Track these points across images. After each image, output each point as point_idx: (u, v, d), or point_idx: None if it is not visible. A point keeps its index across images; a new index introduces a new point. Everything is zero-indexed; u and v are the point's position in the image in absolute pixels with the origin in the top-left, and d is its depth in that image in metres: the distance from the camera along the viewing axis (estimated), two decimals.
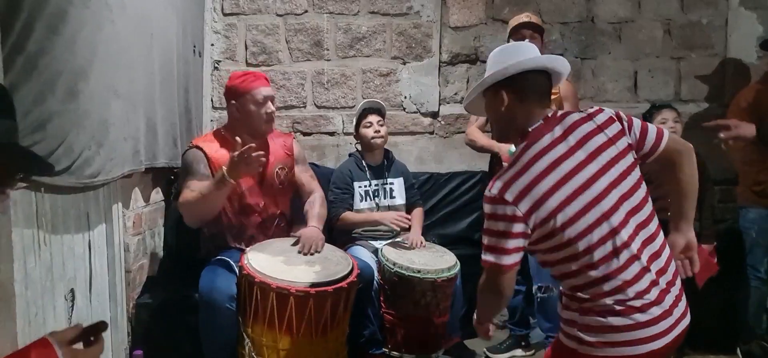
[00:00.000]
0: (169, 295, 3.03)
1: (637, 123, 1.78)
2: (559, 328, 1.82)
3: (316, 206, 3.08)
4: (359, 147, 3.61)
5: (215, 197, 2.73)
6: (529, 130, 1.75)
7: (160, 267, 3.34)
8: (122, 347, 2.83)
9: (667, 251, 1.76)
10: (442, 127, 4.16)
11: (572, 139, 1.71)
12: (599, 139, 1.71)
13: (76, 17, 2.11)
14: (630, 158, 1.73)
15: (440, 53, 4.12)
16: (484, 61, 4.04)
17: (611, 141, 1.71)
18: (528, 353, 3.58)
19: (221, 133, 3.02)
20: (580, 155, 1.69)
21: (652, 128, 1.79)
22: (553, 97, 3.25)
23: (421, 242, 3.38)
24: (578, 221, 1.65)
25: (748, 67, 4.07)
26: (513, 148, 3.14)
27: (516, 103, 1.78)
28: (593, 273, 1.67)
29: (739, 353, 3.46)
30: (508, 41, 3.46)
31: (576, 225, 1.65)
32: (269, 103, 2.93)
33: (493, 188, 1.71)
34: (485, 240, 1.76)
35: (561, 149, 1.70)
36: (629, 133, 1.75)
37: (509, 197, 1.67)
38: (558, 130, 1.73)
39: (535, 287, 3.40)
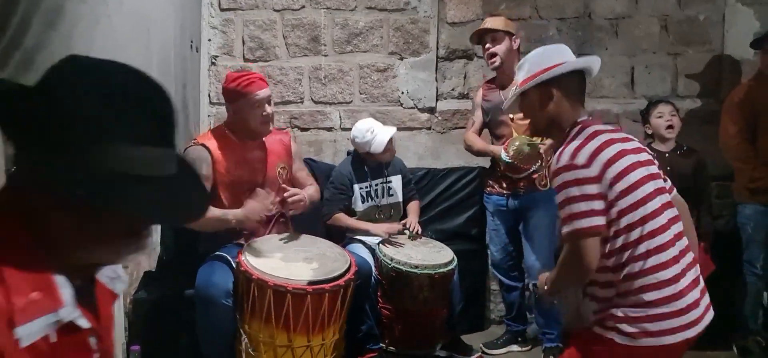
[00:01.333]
0: (166, 290, 3.02)
1: None
2: (590, 323, 1.86)
3: (310, 190, 3.10)
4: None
5: (214, 226, 2.78)
6: (578, 121, 1.91)
7: (158, 262, 3.34)
8: (119, 342, 2.83)
9: (690, 252, 1.87)
10: (440, 122, 4.17)
11: (620, 135, 1.91)
12: (636, 143, 1.92)
13: (73, 12, 2.11)
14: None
15: (437, 49, 4.12)
16: (481, 57, 4.08)
17: (645, 150, 1.93)
18: (524, 349, 3.59)
19: (224, 131, 3.00)
20: (631, 144, 1.87)
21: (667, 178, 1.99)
22: None
23: (418, 230, 3.39)
24: (638, 189, 1.77)
25: (744, 63, 4.08)
26: (504, 154, 3.20)
27: (563, 99, 1.92)
28: (643, 247, 1.76)
29: (735, 349, 3.48)
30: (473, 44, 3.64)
31: (636, 192, 1.77)
32: (266, 105, 2.89)
33: (562, 159, 1.81)
34: (564, 211, 1.79)
35: (614, 133, 1.88)
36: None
37: (580, 161, 1.77)
38: (607, 126, 1.91)
39: (530, 284, 3.41)
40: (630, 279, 1.77)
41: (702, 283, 1.86)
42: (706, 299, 1.86)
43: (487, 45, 3.40)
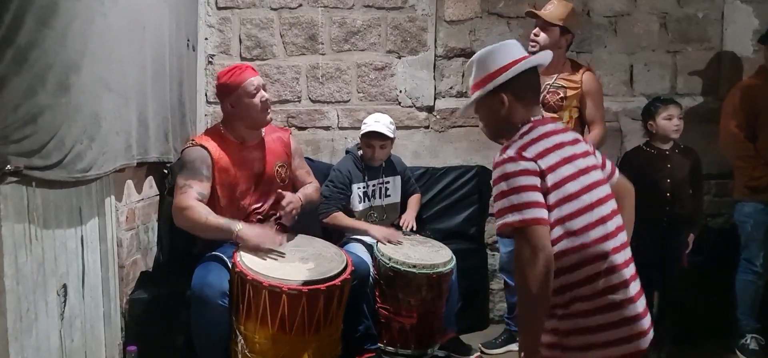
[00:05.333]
0: (162, 291, 3.01)
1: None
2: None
3: (309, 189, 3.08)
4: (359, 147, 3.57)
5: (215, 235, 2.78)
6: (532, 119, 1.84)
7: (154, 262, 3.32)
8: (116, 342, 2.82)
9: (632, 262, 1.81)
10: (438, 121, 4.15)
11: (570, 135, 1.86)
12: (583, 147, 1.87)
13: (67, 10, 2.09)
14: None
15: (435, 47, 4.10)
16: None
17: (591, 154, 1.88)
18: None
19: (220, 131, 2.99)
20: (578, 148, 1.82)
21: (609, 162, 1.96)
22: (573, 92, 3.24)
23: (412, 226, 3.41)
24: (583, 195, 1.72)
25: (744, 61, 4.07)
26: None
27: (516, 102, 1.84)
28: (590, 251, 1.69)
29: (736, 347, 3.46)
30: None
31: (581, 198, 1.71)
32: (262, 90, 2.93)
33: (509, 150, 1.73)
34: (504, 203, 1.69)
35: (562, 137, 1.82)
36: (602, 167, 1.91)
37: (528, 154, 1.71)
38: (557, 126, 1.87)
39: None
40: (571, 289, 1.70)
41: (644, 298, 1.77)
42: (648, 317, 1.76)
43: (535, 31, 3.27)
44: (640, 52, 4.13)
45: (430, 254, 3.21)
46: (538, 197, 1.66)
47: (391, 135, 3.43)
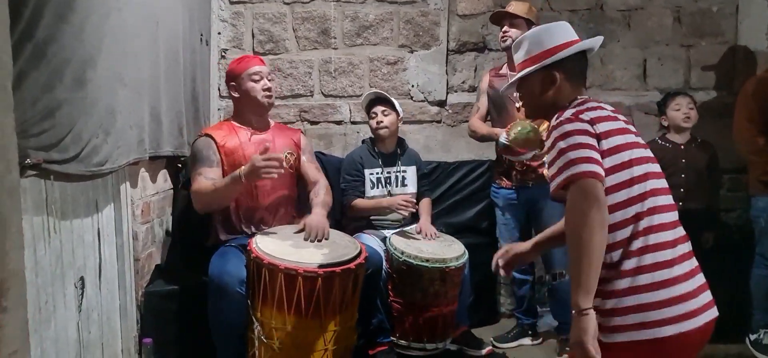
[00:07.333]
0: (177, 283, 3.03)
1: None
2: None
3: (321, 194, 3.09)
4: (372, 135, 3.59)
5: (228, 193, 2.80)
6: (579, 97, 1.82)
7: (169, 255, 3.35)
8: (132, 335, 2.85)
9: (687, 241, 1.74)
10: (450, 115, 4.15)
11: (620, 115, 1.80)
12: (634, 129, 1.80)
13: (84, 5, 2.11)
14: None
15: (448, 41, 4.10)
16: (492, 50, 4.08)
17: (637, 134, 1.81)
18: (535, 342, 3.58)
19: (229, 122, 3.09)
20: (631, 126, 1.78)
21: None
22: None
23: (433, 233, 3.37)
24: (639, 165, 1.68)
25: (758, 55, 4.03)
26: (503, 136, 3.16)
27: (565, 82, 1.83)
28: (643, 223, 1.63)
29: (748, 342, 3.45)
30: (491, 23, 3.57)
31: (639, 167, 1.67)
32: (265, 79, 3.02)
33: (565, 113, 1.72)
34: (562, 160, 1.64)
35: (616, 113, 1.79)
36: None
37: (585, 117, 1.69)
38: (604, 103, 1.80)
39: (547, 275, 3.38)
40: (623, 260, 1.63)
41: (701, 277, 1.71)
42: (707, 296, 1.69)
43: (504, 28, 3.37)
44: (654, 46, 4.11)
45: (443, 248, 3.21)
46: (596, 154, 1.62)
47: (394, 101, 3.47)
